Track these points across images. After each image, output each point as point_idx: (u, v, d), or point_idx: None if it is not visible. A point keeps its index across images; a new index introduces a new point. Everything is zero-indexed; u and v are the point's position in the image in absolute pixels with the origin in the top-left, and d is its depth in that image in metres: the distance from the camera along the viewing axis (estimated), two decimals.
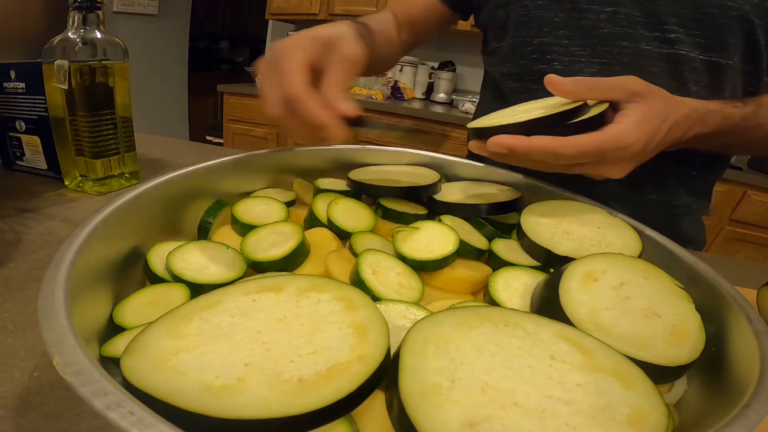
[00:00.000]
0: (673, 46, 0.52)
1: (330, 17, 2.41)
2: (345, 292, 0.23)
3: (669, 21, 0.51)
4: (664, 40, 0.52)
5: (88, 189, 0.55)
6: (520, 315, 0.23)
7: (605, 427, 0.18)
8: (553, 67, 0.58)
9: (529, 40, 0.59)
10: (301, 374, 0.18)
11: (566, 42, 0.57)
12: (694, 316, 0.27)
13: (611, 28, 0.54)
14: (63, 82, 0.49)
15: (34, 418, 0.24)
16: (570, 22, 0.56)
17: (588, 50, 0.55)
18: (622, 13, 0.53)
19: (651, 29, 0.52)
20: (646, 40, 0.53)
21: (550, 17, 0.57)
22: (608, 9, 0.53)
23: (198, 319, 0.21)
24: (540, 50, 0.59)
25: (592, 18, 0.54)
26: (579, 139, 0.34)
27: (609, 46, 0.54)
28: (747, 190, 1.69)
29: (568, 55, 0.56)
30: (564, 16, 0.56)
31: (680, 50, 0.52)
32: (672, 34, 0.52)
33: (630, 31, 0.53)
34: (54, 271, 0.21)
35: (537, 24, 0.58)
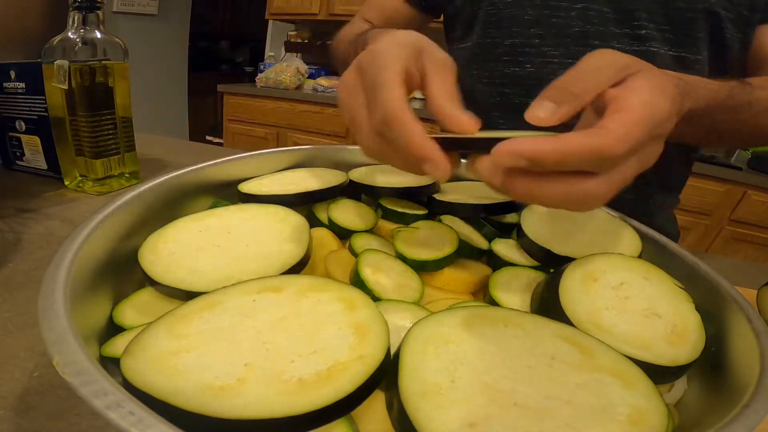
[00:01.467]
0: (644, 43, 0.51)
1: (330, 17, 2.40)
2: (345, 293, 0.23)
3: (640, 17, 0.50)
4: (635, 37, 0.51)
5: (88, 189, 0.55)
6: (520, 315, 0.23)
7: (605, 427, 0.18)
8: (526, 70, 0.56)
9: (499, 41, 0.58)
10: (301, 374, 0.18)
11: (537, 42, 0.55)
12: (694, 316, 0.27)
13: (582, 26, 0.52)
14: (63, 82, 0.49)
15: (34, 418, 0.24)
16: (541, 20, 0.54)
17: (561, 50, 0.54)
18: (592, 10, 0.52)
19: (622, 26, 0.51)
20: (618, 38, 0.52)
21: (519, 15, 0.55)
22: (578, 6, 0.52)
23: (198, 319, 0.21)
24: (512, 52, 0.57)
25: (563, 15, 0.53)
26: (619, 127, 0.23)
27: (581, 45, 0.53)
28: (747, 190, 1.69)
29: (540, 56, 0.55)
30: (534, 13, 0.54)
31: (651, 47, 0.51)
32: (643, 31, 0.51)
33: (601, 28, 0.52)
34: (54, 271, 0.21)
35: (507, 23, 0.56)
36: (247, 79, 2.83)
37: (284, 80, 2.35)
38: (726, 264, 0.56)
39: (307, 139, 2.34)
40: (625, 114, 0.24)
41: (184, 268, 0.27)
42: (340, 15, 2.37)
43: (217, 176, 0.38)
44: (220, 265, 0.27)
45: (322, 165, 0.45)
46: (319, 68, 2.63)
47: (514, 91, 0.58)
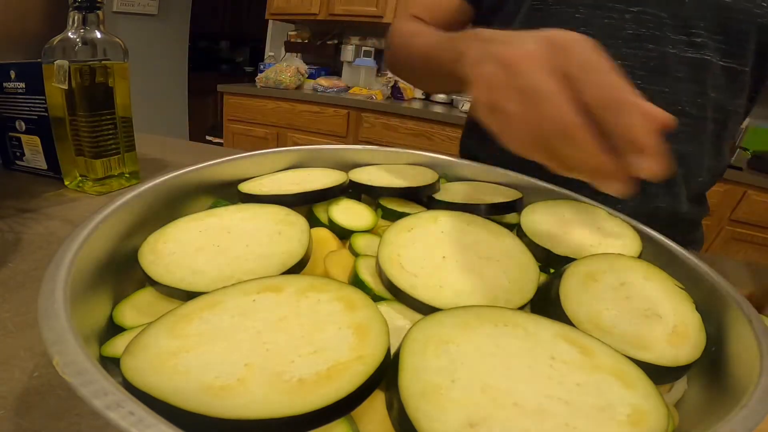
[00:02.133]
0: (698, 50, 0.51)
1: (330, 17, 2.41)
2: (345, 293, 0.23)
3: (696, 25, 0.50)
4: (690, 44, 0.51)
5: (88, 189, 0.55)
6: (520, 315, 0.23)
7: (605, 427, 0.18)
8: None
9: None
10: (301, 374, 0.18)
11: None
12: (694, 316, 0.27)
13: (636, 29, 0.51)
14: (63, 82, 0.49)
15: (34, 418, 0.24)
16: (592, 21, 0.53)
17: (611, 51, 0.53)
18: (648, 14, 0.51)
19: (677, 32, 0.51)
20: (673, 43, 0.51)
21: (569, 13, 0.54)
22: (634, 9, 0.51)
23: (198, 319, 0.21)
24: None
25: (615, 17, 0.52)
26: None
27: (633, 48, 0.52)
28: (747, 190, 1.69)
29: None
30: (586, 13, 0.53)
31: (705, 55, 0.51)
32: (698, 39, 0.50)
33: (656, 33, 0.51)
34: (54, 271, 0.21)
35: (554, 21, 0.55)
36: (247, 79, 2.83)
37: (284, 80, 2.35)
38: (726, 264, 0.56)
39: (307, 139, 2.34)
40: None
41: (184, 268, 0.27)
42: (340, 15, 2.37)
43: (217, 176, 0.38)
44: (220, 265, 0.27)
45: (322, 165, 0.45)
46: (319, 68, 2.63)
47: None
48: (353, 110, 2.21)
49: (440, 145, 2.05)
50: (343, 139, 2.27)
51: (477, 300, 0.26)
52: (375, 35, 2.55)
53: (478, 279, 0.28)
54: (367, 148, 0.47)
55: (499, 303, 0.27)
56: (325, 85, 2.35)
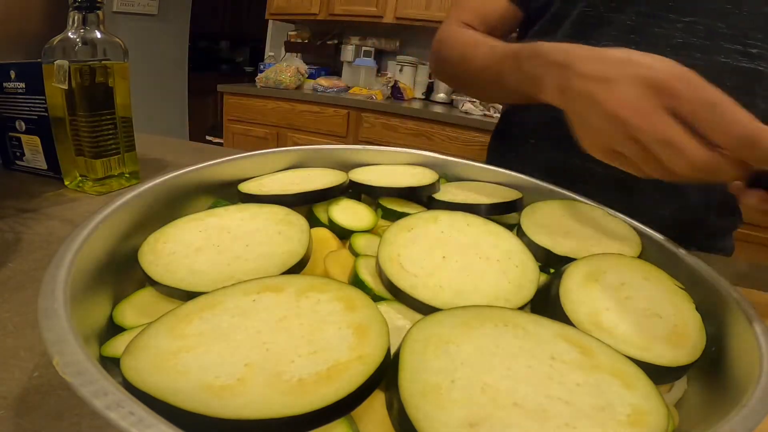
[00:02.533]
0: (753, 60, 0.51)
1: (330, 17, 2.41)
2: (345, 293, 0.23)
3: (753, 36, 0.50)
4: (745, 54, 0.51)
5: (88, 189, 0.55)
6: (521, 315, 0.23)
7: (605, 427, 0.18)
8: None
9: (593, 42, 0.56)
10: (301, 374, 0.18)
11: (633, 47, 0.55)
12: (694, 316, 0.27)
13: (686, 38, 0.51)
14: (63, 82, 0.49)
15: (34, 418, 0.23)
16: (642, 28, 0.53)
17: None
18: (700, 24, 0.51)
19: (733, 42, 0.50)
20: (725, 53, 0.51)
21: (621, 19, 0.54)
22: (686, 19, 0.51)
23: (198, 319, 0.21)
24: None
25: (666, 26, 0.52)
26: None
27: (680, 56, 0.50)
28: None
29: None
30: (637, 20, 0.53)
31: (759, 66, 0.51)
32: (755, 49, 0.50)
33: (707, 42, 0.51)
34: (54, 271, 0.21)
35: (605, 26, 0.55)
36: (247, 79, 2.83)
37: (284, 80, 2.35)
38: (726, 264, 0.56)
39: (307, 139, 2.34)
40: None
41: (183, 268, 0.27)
42: (340, 15, 2.37)
43: (217, 176, 0.38)
44: (220, 265, 0.27)
45: (322, 165, 0.45)
46: (319, 68, 2.63)
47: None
48: (353, 110, 2.21)
49: (440, 145, 2.05)
50: (343, 139, 2.27)
51: (477, 300, 0.26)
52: (375, 35, 2.55)
53: (478, 279, 0.28)
54: (367, 148, 0.47)
55: (499, 303, 0.27)
56: (325, 85, 2.35)
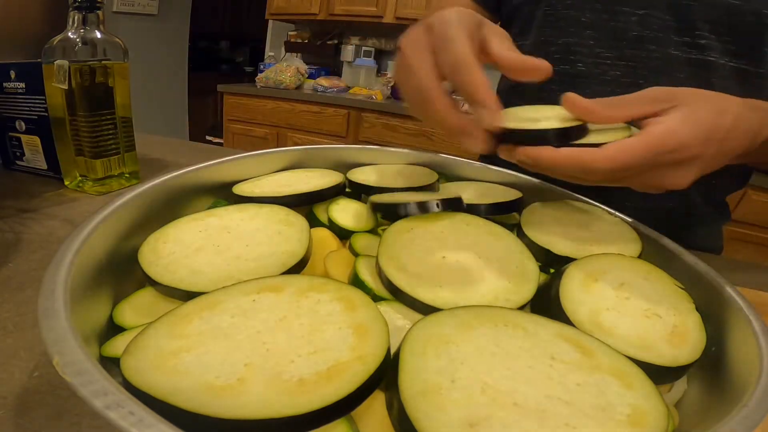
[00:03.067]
0: (701, 51, 0.51)
1: (330, 17, 2.41)
2: (345, 293, 0.23)
3: (702, 27, 0.50)
4: (694, 46, 0.51)
5: (88, 189, 0.55)
6: (520, 315, 0.23)
7: (605, 427, 0.18)
8: (576, 68, 0.57)
9: (553, 39, 0.58)
10: (301, 374, 0.18)
11: (592, 43, 0.55)
12: (694, 316, 0.27)
13: (641, 31, 0.52)
14: (63, 82, 0.49)
15: (34, 418, 0.24)
16: (599, 23, 0.54)
17: (614, 53, 0.54)
18: (654, 17, 0.52)
19: (681, 34, 0.51)
20: (675, 45, 0.52)
21: (577, 16, 0.56)
22: (640, 12, 0.52)
23: (198, 319, 0.21)
24: (564, 50, 0.57)
25: (622, 20, 0.53)
26: (613, 149, 0.30)
27: (637, 49, 0.53)
28: (747, 190, 1.69)
29: (593, 56, 0.55)
30: (592, 16, 0.55)
31: (709, 56, 0.51)
32: (703, 40, 0.51)
33: (660, 35, 0.52)
34: (54, 271, 0.21)
35: (563, 23, 0.57)
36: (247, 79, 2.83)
37: (284, 80, 2.35)
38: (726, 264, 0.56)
39: (307, 139, 2.34)
40: (633, 140, 0.30)
41: (184, 268, 0.27)
42: (340, 15, 2.37)
43: (217, 176, 0.38)
44: (220, 265, 0.27)
45: (322, 165, 0.45)
46: (319, 68, 2.63)
47: (561, 89, 0.58)
48: (353, 110, 2.21)
49: (440, 145, 2.05)
50: (343, 139, 2.27)
51: (476, 300, 0.26)
52: (375, 35, 2.55)
53: (477, 279, 0.28)
54: (366, 148, 0.47)
55: (499, 303, 0.27)
56: (325, 85, 2.35)
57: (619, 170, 0.30)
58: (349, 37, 2.61)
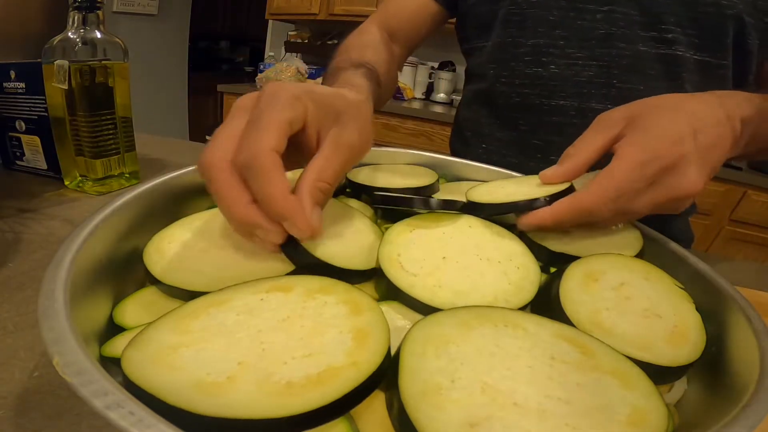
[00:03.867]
0: (669, 46, 0.51)
1: (330, 17, 2.40)
2: (352, 296, 0.23)
3: (667, 20, 0.50)
4: (661, 41, 0.51)
5: (88, 189, 0.55)
6: (520, 315, 0.23)
7: (605, 427, 0.18)
8: (549, 70, 0.56)
9: (522, 40, 0.57)
10: (291, 377, 0.18)
11: (562, 43, 0.55)
12: (694, 316, 0.27)
13: (608, 28, 0.52)
14: (63, 82, 0.49)
15: (34, 418, 0.24)
16: (566, 22, 0.54)
17: (585, 52, 0.54)
18: (618, 12, 0.51)
19: (648, 29, 0.51)
20: (643, 41, 0.51)
21: (544, 16, 0.55)
22: (604, 8, 0.52)
23: (205, 315, 0.21)
24: (535, 52, 0.56)
25: (588, 18, 0.53)
26: (597, 180, 0.31)
27: (606, 47, 0.53)
28: (747, 190, 1.69)
29: (565, 57, 0.55)
30: (559, 14, 0.54)
31: (677, 50, 0.51)
32: (669, 34, 0.51)
33: (627, 31, 0.52)
34: (54, 271, 0.21)
35: (531, 23, 0.56)
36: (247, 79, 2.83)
37: (284, 80, 2.35)
38: (726, 264, 0.56)
39: None
40: (611, 165, 0.31)
41: (188, 268, 0.27)
42: (340, 15, 2.37)
43: None
44: (224, 266, 0.27)
45: None
46: (319, 68, 2.63)
47: (535, 92, 0.58)
48: None
49: (440, 145, 2.05)
50: None
51: (476, 300, 0.26)
52: None
53: (477, 280, 0.28)
54: None
55: (499, 304, 0.27)
56: None
57: (614, 197, 0.31)
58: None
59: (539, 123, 0.59)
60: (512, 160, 0.61)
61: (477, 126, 0.67)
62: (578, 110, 0.56)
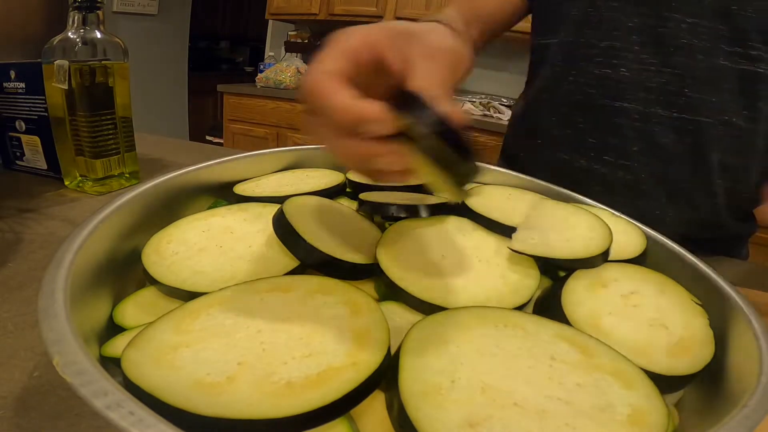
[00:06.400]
0: (753, 63, 0.50)
1: (330, 17, 2.40)
2: (352, 296, 0.23)
3: (754, 38, 0.49)
4: (745, 56, 0.50)
5: (88, 189, 0.55)
6: (521, 315, 0.23)
7: (605, 427, 0.18)
8: (619, 73, 0.55)
9: (595, 42, 0.56)
10: (291, 377, 0.18)
11: (637, 48, 0.54)
12: (705, 332, 0.26)
13: (690, 39, 0.51)
14: (63, 82, 0.49)
15: (34, 418, 0.23)
16: (645, 29, 0.53)
17: (659, 59, 0.53)
18: (703, 26, 0.50)
19: (732, 44, 0.50)
20: (725, 55, 0.51)
21: (623, 20, 0.54)
22: (690, 20, 0.51)
23: (205, 315, 0.21)
24: (607, 54, 0.55)
25: (671, 26, 0.52)
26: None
27: (684, 57, 0.52)
28: None
29: (638, 62, 0.54)
30: (639, 21, 0.53)
31: (758, 68, 0.50)
32: (754, 51, 0.50)
33: (709, 44, 0.51)
34: (54, 271, 0.21)
35: (606, 26, 0.55)
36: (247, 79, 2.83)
37: (284, 80, 2.35)
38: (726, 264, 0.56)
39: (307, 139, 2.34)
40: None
41: (187, 268, 0.27)
42: (340, 15, 2.37)
43: (217, 176, 0.38)
44: (223, 266, 0.27)
45: (321, 165, 0.45)
46: None
47: (599, 93, 0.57)
48: None
49: None
50: None
51: (468, 301, 0.26)
52: None
53: (473, 281, 0.28)
54: None
55: (498, 304, 0.26)
56: None
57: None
58: None
59: (598, 123, 0.58)
60: (563, 157, 0.61)
61: (534, 121, 0.66)
62: (641, 114, 0.55)
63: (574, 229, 0.33)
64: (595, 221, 0.34)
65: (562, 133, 0.62)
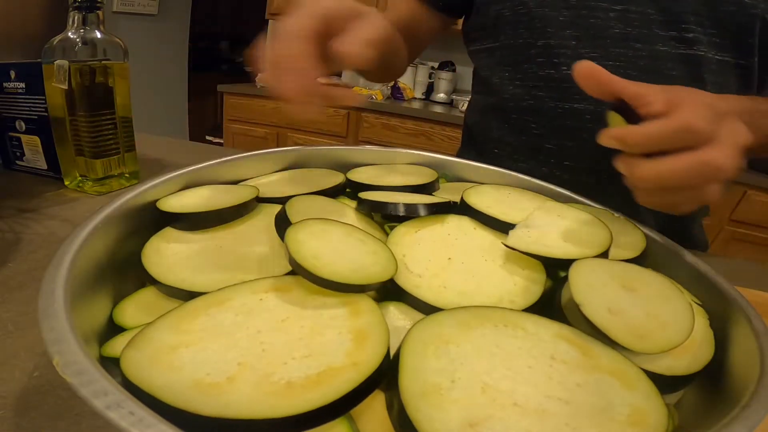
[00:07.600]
0: (690, 46, 0.49)
1: None
2: (351, 296, 0.23)
3: (687, 19, 0.48)
4: (682, 40, 0.49)
5: (88, 189, 0.55)
6: (520, 315, 0.23)
7: (605, 427, 0.18)
8: (561, 72, 0.54)
9: (532, 41, 0.55)
10: (291, 377, 0.18)
11: (574, 43, 0.53)
12: (706, 331, 0.26)
13: (623, 28, 0.50)
14: (63, 82, 0.49)
15: (34, 418, 0.23)
16: (577, 21, 0.52)
17: (599, 51, 0.52)
18: (633, 12, 0.50)
19: (667, 28, 0.49)
20: (662, 41, 0.50)
21: (553, 16, 0.53)
22: (617, 7, 0.50)
23: (204, 315, 0.21)
24: (545, 53, 0.54)
25: (601, 17, 0.51)
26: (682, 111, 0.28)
27: (622, 47, 0.50)
28: (747, 190, 1.69)
29: (577, 57, 0.52)
30: (569, 14, 0.52)
31: (698, 50, 0.49)
32: (690, 34, 0.49)
33: (644, 31, 0.50)
34: (54, 271, 0.21)
35: (540, 24, 0.54)
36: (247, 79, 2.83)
37: None
38: (726, 264, 0.56)
39: (307, 139, 2.34)
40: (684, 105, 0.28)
41: (186, 268, 0.27)
42: None
43: (216, 176, 0.38)
44: (223, 266, 0.27)
45: (321, 165, 0.45)
46: None
47: (548, 94, 0.56)
48: (353, 110, 2.21)
49: (440, 145, 2.05)
50: (343, 139, 2.27)
51: (481, 301, 0.26)
52: None
53: (482, 281, 0.28)
54: (366, 148, 0.47)
55: (504, 305, 0.26)
56: None
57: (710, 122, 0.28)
58: None
59: (552, 127, 0.57)
60: (523, 165, 0.59)
61: (487, 130, 0.65)
62: (593, 114, 0.53)
63: (573, 229, 0.33)
64: (595, 221, 0.34)
65: (518, 140, 0.61)
